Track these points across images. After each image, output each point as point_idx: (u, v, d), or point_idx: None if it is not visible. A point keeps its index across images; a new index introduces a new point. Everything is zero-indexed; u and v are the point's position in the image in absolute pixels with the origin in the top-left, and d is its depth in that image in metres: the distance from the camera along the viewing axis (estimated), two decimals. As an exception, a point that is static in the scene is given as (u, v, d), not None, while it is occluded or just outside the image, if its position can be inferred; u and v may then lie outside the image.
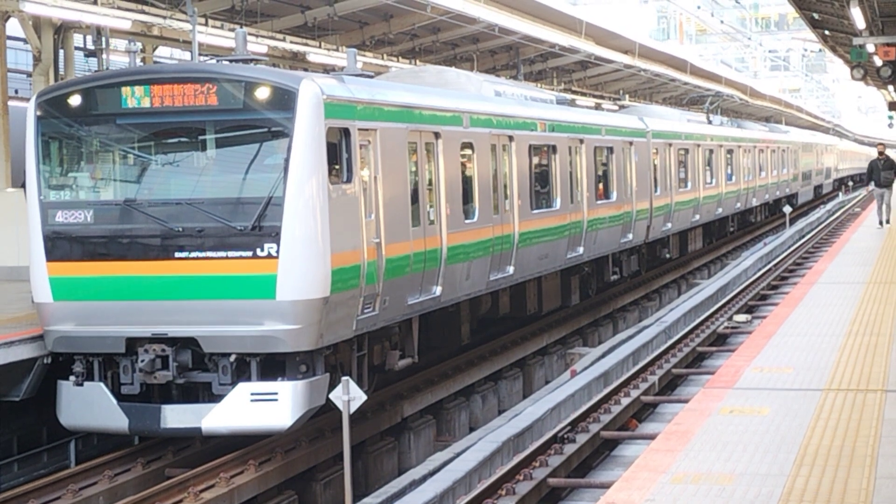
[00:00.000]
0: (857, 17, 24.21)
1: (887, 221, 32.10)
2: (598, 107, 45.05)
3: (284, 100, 13.74)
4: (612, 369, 18.98)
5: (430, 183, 17.18)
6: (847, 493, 8.09)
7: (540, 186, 22.16)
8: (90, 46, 26.54)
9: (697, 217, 35.77)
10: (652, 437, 11.82)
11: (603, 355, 20.97)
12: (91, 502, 13.36)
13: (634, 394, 16.30)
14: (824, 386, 11.66)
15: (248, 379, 13.56)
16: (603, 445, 14.29)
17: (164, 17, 23.35)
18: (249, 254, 13.54)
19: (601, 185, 26.00)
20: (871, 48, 27.53)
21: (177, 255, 13.71)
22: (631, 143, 28.22)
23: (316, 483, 14.98)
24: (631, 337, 22.77)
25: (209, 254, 13.64)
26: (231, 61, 15.16)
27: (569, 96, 33.38)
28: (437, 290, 16.94)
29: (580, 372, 19.26)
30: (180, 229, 13.70)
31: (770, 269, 31.25)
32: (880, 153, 31.97)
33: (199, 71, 14.54)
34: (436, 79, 20.97)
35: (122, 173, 14.53)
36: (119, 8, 22.04)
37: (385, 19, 29.55)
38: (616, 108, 43.37)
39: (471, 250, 18.20)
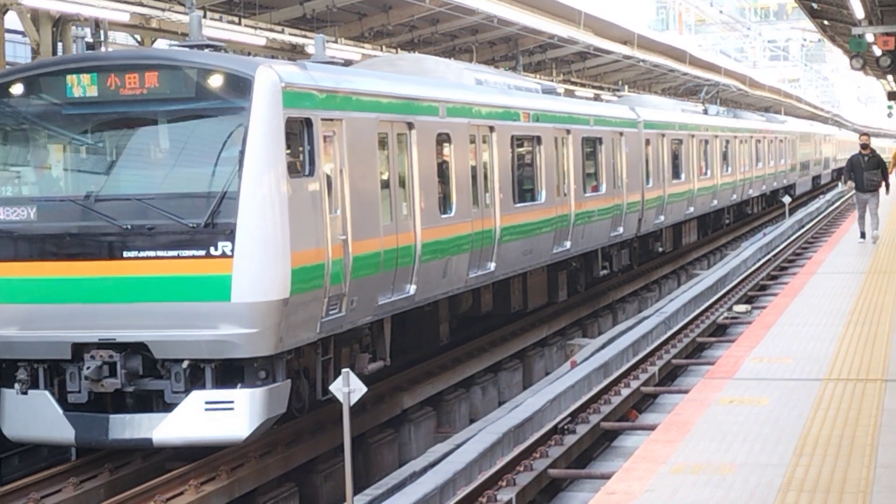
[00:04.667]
0: (857, 7, 24.19)
1: (874, 240, 24.79)
2: (596, 97, 45.00)
3: (239, 87, 12.95)
4: (611, 360, 18.98)
5: (404, 176, 16.36)
6: (847, 482, 8.10)
7: (524, 179, 21.42)
8: (89, 40, 26.50)
9: (692, 209, 35.07)
10: (652, 428, 11.83)
11: (603, 346, 20.98)
12: (92, 495, 13.36)
13: (634, 384, 16.31)
14: (824, 376, 11.67)
15: (203, 386, 12.77)
16: (603, 436, 14.30)
17: (163, 10, 23.32)
18: (202, 253, 12.72)
19: (590, 178, 25.26)
20: (870, 38, 27.51)
21: (125, 254, 12.89)
22: (621, 134, 27.43)
23: (316, 475, 14.99)
24: (631, 328, 22.79)
25: (160, 253, 12.83)
26: (186, 47, 14.39)
27: (557, 85, 32.11)
28: (412, 288, 16.13)
29: (580, 363, 19.27)
30: (129, 227, 12.89)
31: (770, 260, 31.24)
32: (864, 146, 24.37)
33: (148, 57, 13.77)
34: (413, 67, 20.18)
35: (67, 167, 13.66)
36: (118, 0, 22.00)
37: (384, 11, 29.48)
38: (616, 98, 43.27)
39: (448, 246, 17.41)
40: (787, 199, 48.19)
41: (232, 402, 12.67)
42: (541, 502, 12.19)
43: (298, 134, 13.49)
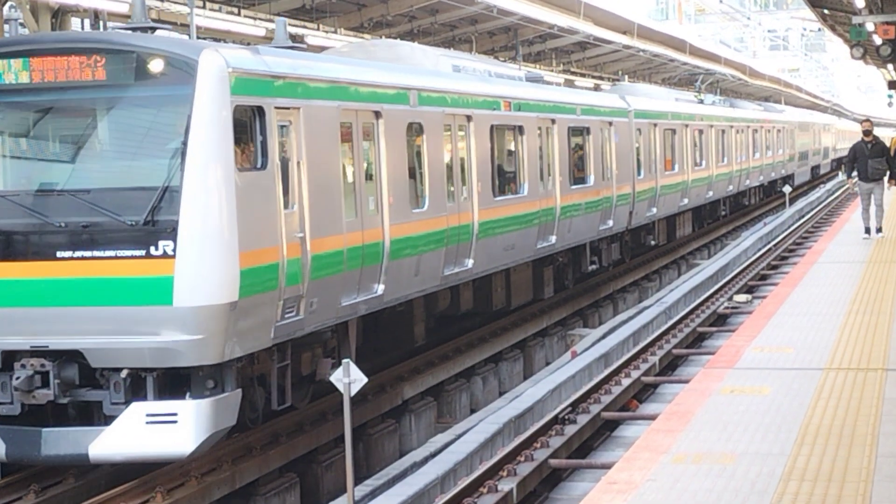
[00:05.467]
0: (857, -4, 24.14)
1: (879, 230, 23.80)
2: (596, 88, 44.93)
3: (182, 73, 11.99)
4: (612, 350, 18.99)
5: (371, 169, 15.43)
6: (848, 471, 8.10)
7: (505, 171, 20.52)
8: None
9: (686, 201, 34.22)
10: (653, 418, 11.83)
11: (603, 336, 20.99)
12: (93, 484, 13.36)
13: (635, 374, 16.31)
14: (825, 365, 11.67)
15: (144, 398, 11.86)
16: (604, 426, 14.30)
17: (162, 0, 23.29)
18: (142, 253, 11.78)
19: (577, 169, 24.28)
20: (870, 27, 27.45)
21: (59, 254, 11.91)
22: (611, 124, 26.53)
23: (317, 465, 15.00)
24: (631, 318, 22.80)
25: (96, 253, 11.85)
26: (128, 29, 13.30)
27: (543, 73, 31.07)
28: (380, 288, 15.19)
29: (581, 353, 19.28)
30: (62, 224, 11.94)
31: (770, 249, 31.24)
32: (866, 133, 23.40)
33: (84, 41, 12.77)
34: (388, 53, 19.20)
35: None
36: (116, -9, 21.97)
37: (383, 1, 29.45)
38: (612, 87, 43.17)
39: (420, 243, 16.47)
40: (787, 189, 48.12)
41: (175, 414, 11.76)
42: (542, 492, 12.19)
43: (249, 123, 12.56)
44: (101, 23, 25.86)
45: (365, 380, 11.35)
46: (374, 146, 15.45)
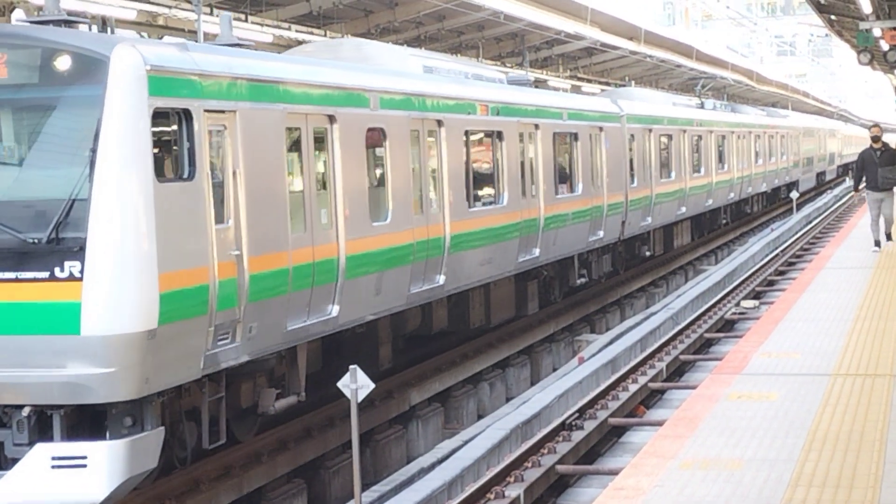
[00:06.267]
0: (864, 2, 24.14)
1: (889, 237, 22.38)
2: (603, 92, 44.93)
3: (92, 71, 10.66)
4: (619, 356, 18.99)
5: (324, 178, 14.00)
6: (856, 477, 8.09)
7: (481, 179, 19.15)
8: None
9: (683, 210, 32.93)
10: (660, 424, 11.82)
11: (610, 342, 20.99)
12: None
13: (642, 380, 16.31)
14: (832, 371, 11.66)
15: (51, 438, 10.48)
16: (611, 432, 14.30)
17: (170, 7, 23.36)
18: (45, 275, 10.41)
19: (563, 177, 22.94)
20: (877, 32, 27.47)
21: None
22: (601, 129, 25.22)
23: (324, 471, 15.01)
24: (638, 324, 22.80)
25: None
26: (37, 23, 11.84)
27: (529, 75, 29.57)
28: (334, 309, 13.78)
29: (588, 359, 19.28)
30: None
31: (777, 255, 31.22)
32: (875, 139, 21.92)
33: None
34: (354, 53, 17.79)
35: None
36: (124, -2, 22.05)
37: (390, 7, 29.51)
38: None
39: (381, 259, 15.07)
40: (794, 195, 47.93)
41: (85, 457, 10.37)
42: (549, 498, 12.19)
43: (172, 128, 11.22)
44: (109, 29, 25.82)
45: (372, 385, 11.27)
46: (328, 154, 14.05)
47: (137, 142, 10.68)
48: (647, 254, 30.96)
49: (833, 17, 31.20)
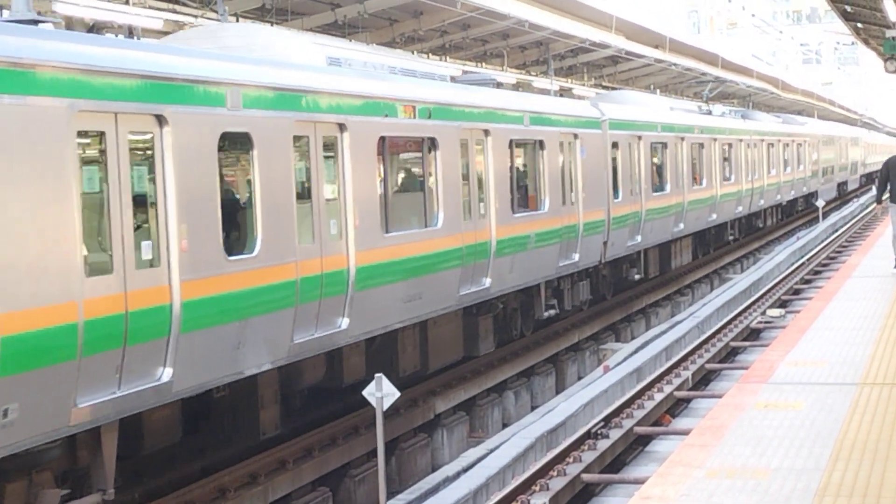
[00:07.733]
0: (891, 9, 24.07)
1: None
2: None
3: None
4: (645, 365, 18.95)
5: (145, 199, 10.74)
6: (884, 486, 8.05)
7: (405, 198, 16.17)
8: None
9: (682, 226, 29.90)
10: (686, 433, 11.79)
11: (636, 351, 20.96)
12: (126, 499, 13.41)
13: (668, 389, 16.26)
14: (859, 380, 11.60)
15: None
16: (636, 441, 14.26)
17: (196, 16, 23.48)
18: None
19: (524, 193, 19.98)
20: (904, 40, 27.38)
21: None
22: (576, 136, 22.21)
23: (350, 479, 15.04)
24: (664, 332, 22.75)
25: None
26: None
27: (491, 73, 26.00)
28: (165, 372, 10.71)
29: (613, 367, 19.25)
30: None
31: (803, 264, 31.11)
32: None
33: None
34: (240, 41, 14.54)
35: None
36: (151, 7, 22.18)
37: (415, 16, 29.56)
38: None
39: (244, 304, 11.84)
40: (820, 203, 47.48)
41: None
42: (575, 507, 12.17)
43: None
44: (136, 39, 26.04)
45: (397, 394, 11.36)
46: (158, 165, 10.86)
47: None
48: (637, 277, 27.73)
49: (860, 24, 31.12)
